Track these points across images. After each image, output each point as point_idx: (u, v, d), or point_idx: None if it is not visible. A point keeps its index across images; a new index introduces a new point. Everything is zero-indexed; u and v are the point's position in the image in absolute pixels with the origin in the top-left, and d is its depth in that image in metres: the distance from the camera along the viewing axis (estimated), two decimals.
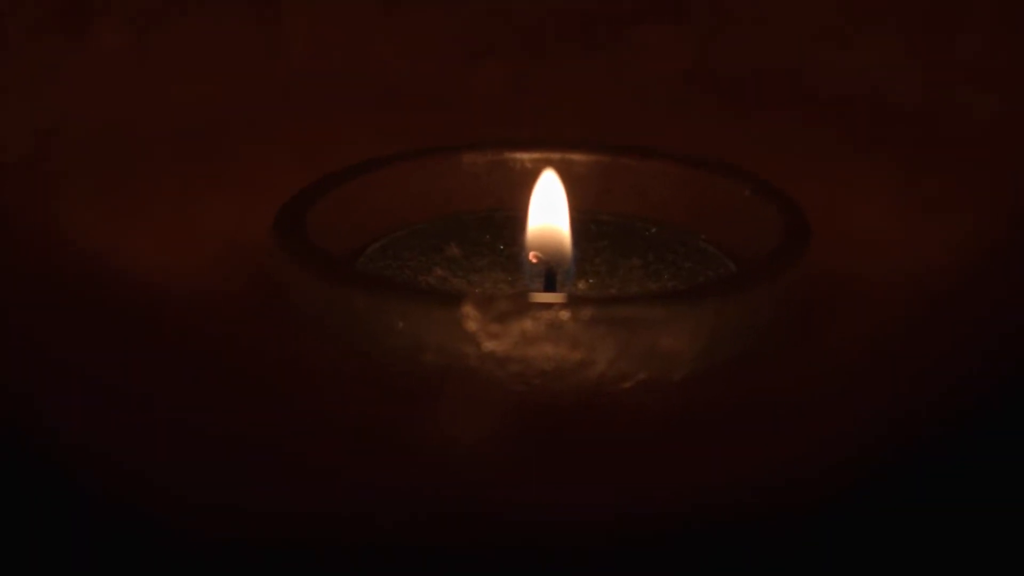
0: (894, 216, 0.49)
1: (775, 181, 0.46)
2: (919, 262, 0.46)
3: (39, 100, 0.49)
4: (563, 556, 0.29)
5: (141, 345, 0.34)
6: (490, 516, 0.27)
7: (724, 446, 0.30)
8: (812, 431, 0.32)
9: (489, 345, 0.37)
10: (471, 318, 0.37)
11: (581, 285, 0.45)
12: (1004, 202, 0.47)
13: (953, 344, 0.38)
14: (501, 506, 0.27)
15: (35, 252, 0.42)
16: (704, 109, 0.54)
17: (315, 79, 0.53)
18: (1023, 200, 0.47)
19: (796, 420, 0.32)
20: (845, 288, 0.47)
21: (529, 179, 0.46)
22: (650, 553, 0.29)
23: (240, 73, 0.52)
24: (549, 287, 0.43)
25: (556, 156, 0.46)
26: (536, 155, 0.47)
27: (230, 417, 0.29)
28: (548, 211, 0.44)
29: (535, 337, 0.37)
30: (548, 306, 0.37)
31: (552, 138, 0.48)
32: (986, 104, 0.51)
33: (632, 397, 0.33)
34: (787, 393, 0.33)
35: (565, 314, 0.37)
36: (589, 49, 0.56)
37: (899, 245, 0.48)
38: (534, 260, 0.43)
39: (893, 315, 0.44)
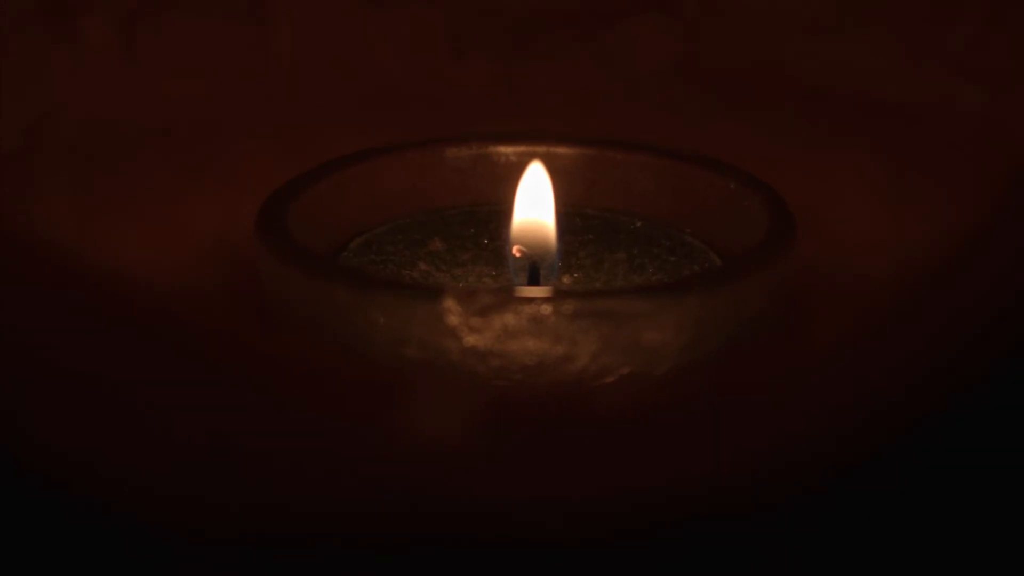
0: (881, 210, 0.49)
1: (763, 174, 0.46)
2: (905, 256, 0.46)
3: (25, 96, 0.48)
4: (543, 552, 0.28)
5: (125, 342, 0.34)
6: (469, 513, 0.27)
7: (706, 440, 0.30)
8: (794, 425, 0.31)
9: (470, 340, 0.37)
10: (452, 312, 0.36)
11: (566, 279, 0.45)
12: (991, 197, 0.47)
13: (936, 337, 0.38)
14: (480, 502, 0.27)
15: (18, 248, 0.42)
16: (693, 102, 0.54)
17: (302, 74, 0.53)
18: (1009, 195, 0.47)
19: (779, 414, 0.32)
20: (831, 282, 0.47)
21: (513, 173, 0.46)
22: (632, 549, 0.29)
23: (227, 69, 0.52)
24: (533, 281, 0.43)
25: (541, 150, 0.46)
26: (520, 149, 0.46)
27: (212, 415, 0.29)
28: (533, 205, 0.44)
29: (517, 331, 0.37)
30: (530, 300, 0.36)
31: (538, 132, 0.47)
32: (974, 98, 0.51)
33: (615, 391, 0.32)
34: (770, 387, 0.33)
35: (547, 308, 0.36)
36: (578, 42, 0.56)
37: (886, 239, 0.48)
38: (518, 254, 0.43)
39: (877, 309, 0.43)
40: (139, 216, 0.47)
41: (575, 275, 0.45)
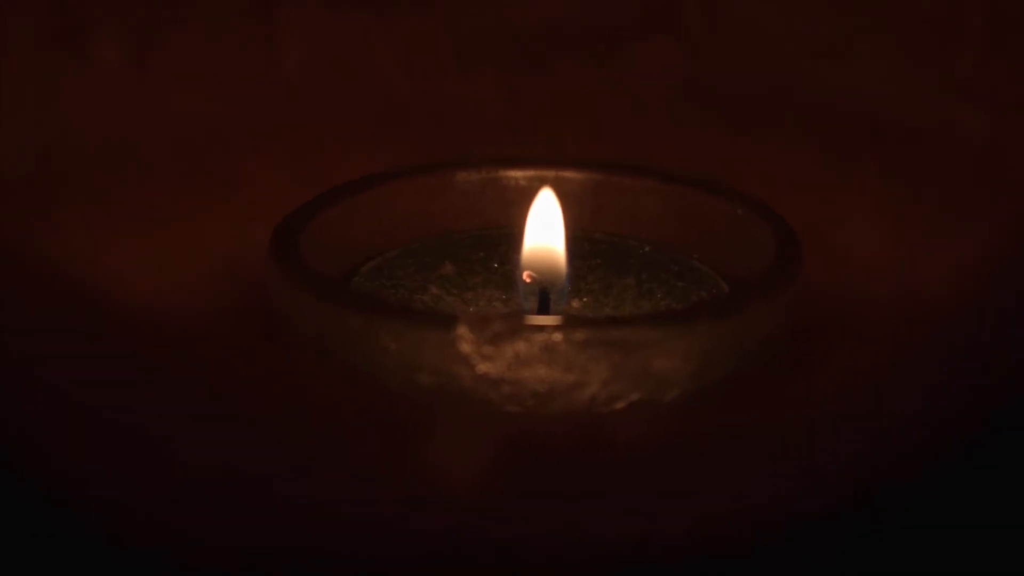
0: (888, 236, 0.49)
1: (770, 196, 0.46)
2: (914, 281, 0.46)
3: (37, 117, 0.49)
4: None
5: (131, 372, 0.34)
6: (484, 550, 0.27)
7: (719, 475, 0.30)
8: (806, 458, 0.32)
9: (482, 367, 0.37)
10: (465, 340, 0.37)
11: (575, 304, 0.45)
12: (999, 220, 0.48)
13: (950, 366, 0.38)
14: (494, 540, 0.27)
15: (30, 271, 0.42)
16: (701, 124, 0.54)
17: (312, 93, 0.54)
18: (1018, 219, 0.47)
19: (790, 447, 0.32)
20: (839, 308, 0.47)
21: (522, 197, 0.46)
22: None
23: (237, 87, 0.52)
24: (543, 306, 0.43)
25: (550, 174, 0.47)
26: (530, 173, 0.47)
27: (221, 449, 0.29)
28: (543, 230, 0.44)
29: (528, 359, 0.37)
30: (541, 328, 0.37)
31: (546, 155, 0.48)
32: (981, 122, 0.51)
33: (625, 421, 0.33)
34: (780, 419, 0.33)
35: (558, 336, 0.37)
36: (585, 62, 0.56)
37: (893, 264, 0.48)
38: (528, 280, 0.43)
39: (887, 336, 0.44)
40: (150, 237, 0.47)
41: (584, 299, 0.45)
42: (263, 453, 0.29)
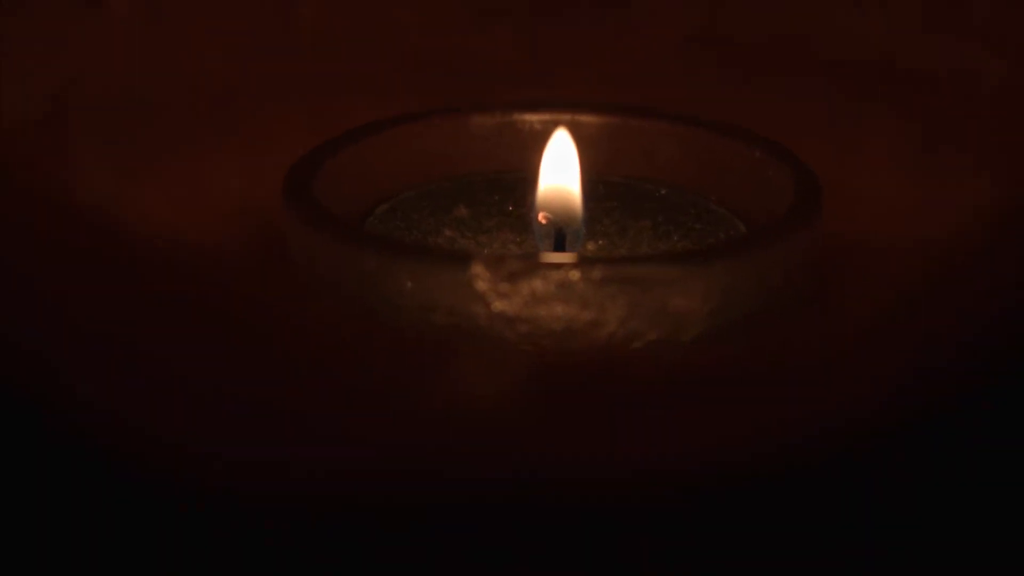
0: (905, 181, 0.49)
1: (786, 143, 0.46)
2: (930, 227, 0.46)
3: (53, 63, 0.48)
4: (578, 515, 0.29)
5: (151, 303, 0.34)
6: (506, 475, 0.27)
7: (737, 405, 0.30)
8: (824, 392, 0.31)
9: (499, 305, 0.37)
10: (481, 278, 0.37)
11: (590, 246, 0.45)
12: (1015, 167, 0.47)
13: (963, 308, 0.38)
14: (517, 465, 0.27)
15: (47, 210, 0.42)
16: (714, 73, 0.54)
17: (326, 42, 0.53)
18: None
19: (809, 380, 0.32)
20: (856, 252, 0.47)
21: (538, 141, 0.46)
22: (665, 512, 0.29)
23: (251, 36, 0.52)
24: (558, 248, 0.43)
25: (565, 117, 0.46)
26: (545, 116, 0.46)
27: (240, 376, 0.29)
28: (559, 171, 0.44)
29: (545, 297, 0.37)
30: (558, 266, 0.37)
31: (562, 100, 0.47)
32: (998, 69, 0.51)
33: (645, 356, 0.33)
34: (798, 354, 0.33)
35: (575, 274, 0.37)
36: (601, 11, 0.56)
37: (910, 207, 0.48)
38: (543, 221, 0.43)
39: (903, 279, 0.44)
40: (165, 180, 0.47)
41: (600, 242, 0.45)
42: (281, 376, 0.29)
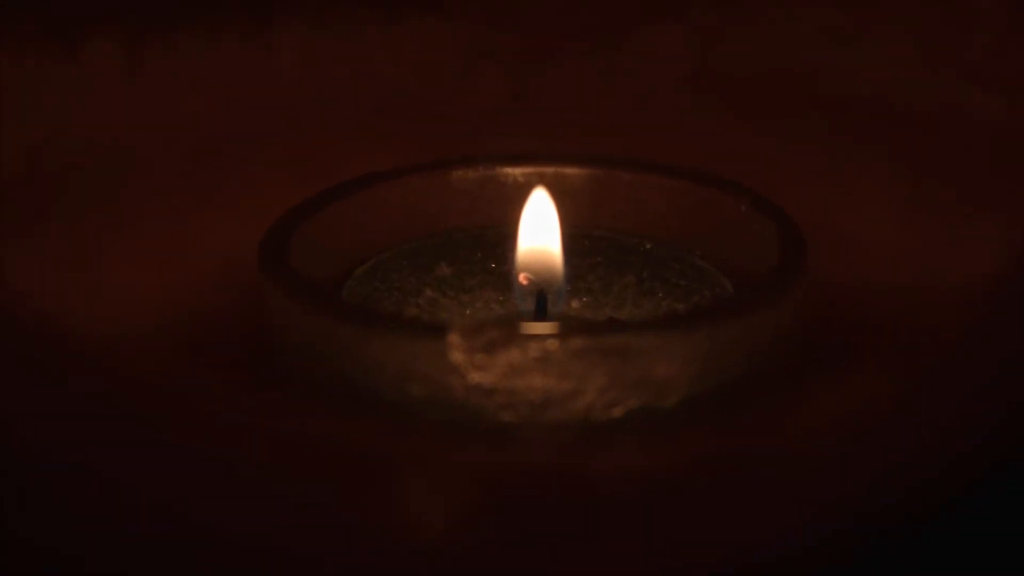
0: (902, 222, 0.48)
1: (779, 184, 0.45)
2: (929, 270, 0.45)
3: (29, 119, 0.48)
4: None
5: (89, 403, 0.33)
6: None
7: (711, 515, 0.29)
8: (813, 490, 0.30)
9: (475, 377, 0.36)
10: (457, 349, 0.36)
11: (575, 304, 0.44)
12: (1016, 207, 0.47)
13: (987, 368, 0.37)
14: None
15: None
16: (709, 112, 0.53)
17: (311, 92, 0.53)
18: None
19: (794, 477, 0.30)
20: (854, 298, 0.46)
21: (521, 194, 0.45)
22: None
23: (233, 87, 0.51)
24: (541, 308, 0.42)
25: (549, 170, 0.46)
26: (528, 170, 0.46)
27: (179, 489, 0.28)
28: (539, 231, 0.43)
29: (523, 368, 0.36)
30: (536, 336, 0.36)
31: (546, 151, 0.47)
32: (994, 107, 0.50)
33: (611, 455, 0.32)
34: (783, 444, 0.32)
35: (554, 344, 0.36)
36: (591, 54, 0.55)
37: (908, 252, 0.47)
38: (525, 282, 0.42)
39: (898, 327, 0.43)
40: (144, 239, 0.47)
41: (584, 299, 0.44)
42: (230, 496, 0.28)
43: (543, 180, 0.45)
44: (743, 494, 0.29)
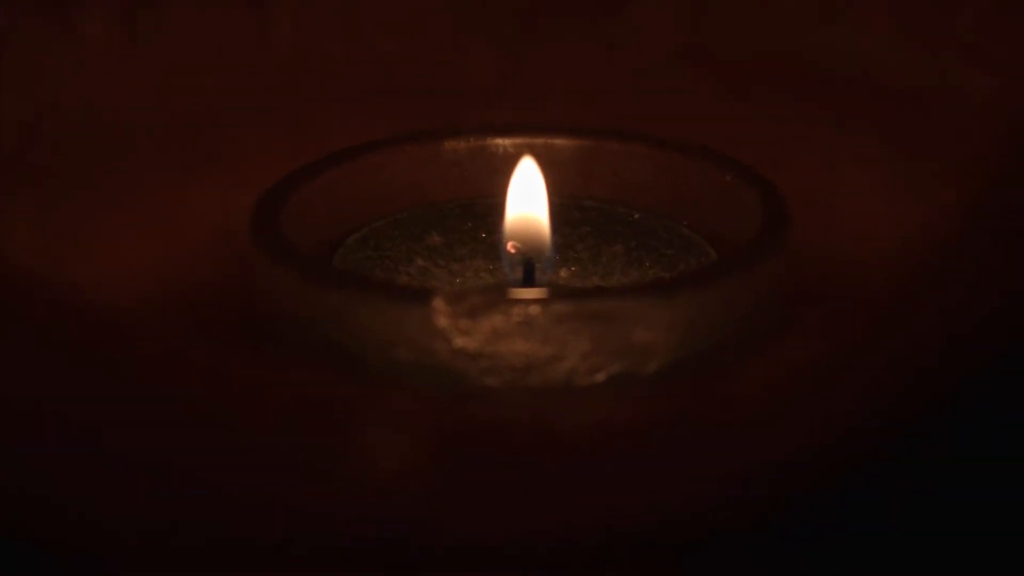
0: (887, 197, 0.49)
1: (768, 160, 0.46)
2: (905, 244, 0.46)
3: (24, 90, 0.48)
4: None
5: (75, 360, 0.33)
6: (413, 545, 0.27)
7: (671, 462, 0.29)
8: (768, 438, 0.31)
9: (460, 341, 0.37)
10: (442, 314, 0.37)
11: (563, 273, 0.45)
12: (995, 184, 0.47)
13: (935, 328, 0.38)
14: (423, 528, 0.27)
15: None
16: (698, 88, 0.54)
17: (303, 65, 0.53)
18: (1014, 183, 0.46)
19: (749, 426, 0.31)
20: (837, 271, 0.47)
21: (511, 165, 0.45)
22: None
23: (226, 59, 0.52)
24: (528, 276, 0.43)
25: (538, 141, 0.46)
26: (518, 140, 0.46)
27: (149, 437, 0.29)
28: (526, 200, 0.43)
29: (506, 333, 0.37)
30: (519, 302, 0.36)
31: (534, 122, 0.47)
32: (981, 85, 0.50)
33: (577, 404, 0.32)
34: (740, 398, 0.33)
35: (536, 309, 0.37)
36: (583, 28, 0.55)
37: (892, 227, 0.48)
38: (512, 250, 0.43)
39: (879, 298, 0.43)
40: (137, 210, 0.47)
41: (572, 268, 0.45)
42: (190, 441, 0.28)
43: (532, 151, 0.46)
44: (671, 454, 0.29)
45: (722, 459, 0.29)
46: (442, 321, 0.37)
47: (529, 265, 0.43)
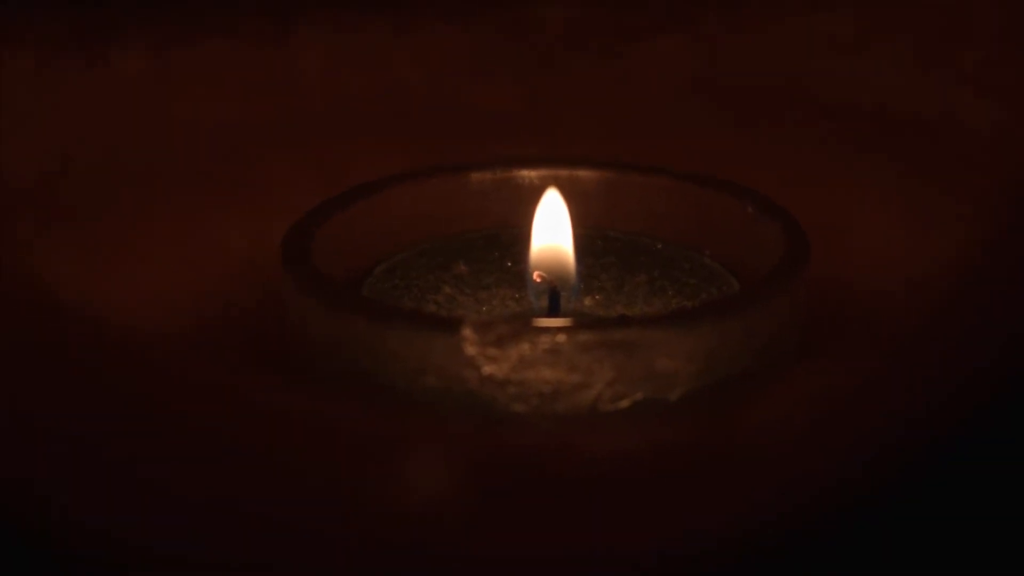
0: (899, 226, 0.50)
1: (783, 192, 0.47)
2: (920, 273, 0.47)
3: (58, 124, 0.49)
4: None
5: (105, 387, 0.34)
6: (448, 564, 0.27)
7: (693, 490, 0.30)
8: (784, 471, 0.32)
9: (488, 369, 0.37)
10: (470, 342, 0.37)
11: (588, 302, 0.46)
12: (1005, 211, 0.48)
13: (953, 356, 0.38)
14: (458, 554, 0.27)
15: (29, 286, 0.43)
16: (713, 120, 0.55)
17: (331, 96, 0.54)
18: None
19: (767, 458, 0.32)
20: (854, 300, 0.48)
21: (536, 196, 0.46)
22: None
23: (255, 94, 0.53)
24: (554, 305, 0.44)
25: (563, 173, 0.47)
26: (543, 172, 0.47)
27: (186, 465, 0.30)
28: (551, 230, 0.44)
29: (533, 361, 0.37)
30: (546, 330, 0.37)
31: (560, 154, 0.48)
32: (990, 115, 0.51)
33: (603, 431, 0.33)
34: (778, 427, 0.34)
35: (562, 338, 0.37)
36: (600, 62, 0.56)
37: (905, 256, 0.48)
38: (538, 280, 0.44)
39: (896, 327, 0.44)
40: (166, 242, 0.48)
41: (596, 297, 0.46)
42: (230, 469, 0.29)
43: (557, 182, 0.46)
44: (694, 480, 0.30)
45: (744, 486, 0.30)
46: (470, 349, 0.37)
47: (554, 294, 0.44)
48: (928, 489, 0.32)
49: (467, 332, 0.37)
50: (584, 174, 0.47)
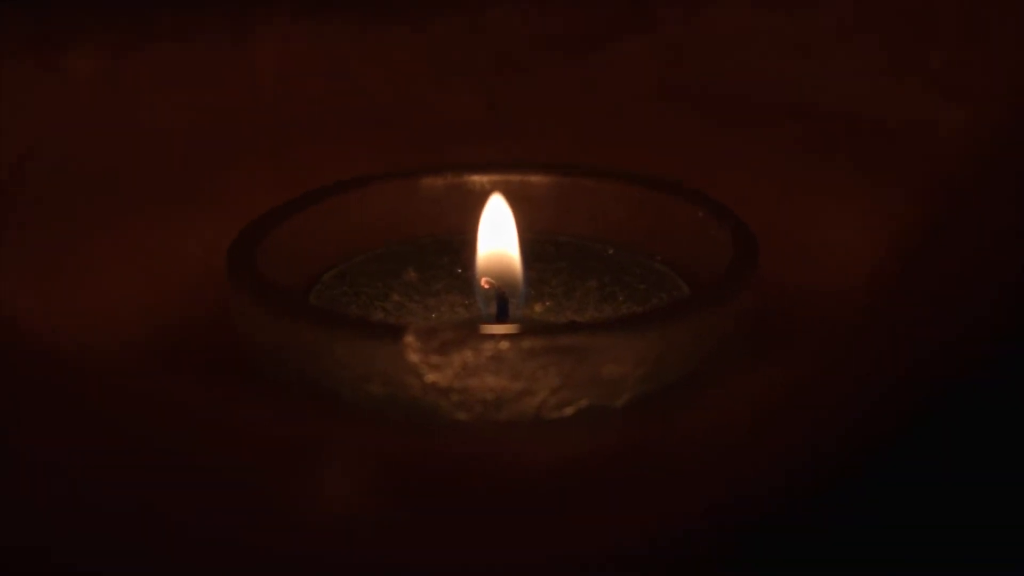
0: (862, 230, 0.49)
1: (745, 193, 0.46)
2: (874, 272, 0.46)
3: (8, 130, 0.49)
4: None
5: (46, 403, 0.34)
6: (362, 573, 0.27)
7: (617, 496, 0.30)
8: (719, 472, 0.32)
9: (431, 377, 0.37)
10: (413, 349, 0.37)
11: (537, 308, 0.45)
12: (962, 213, 0.48)
13: (897, 352, 0.38)
14: (371, 562, 0.27)
15: None
16: (678, 124, 0.55)
17: (287, 100, 0.54)
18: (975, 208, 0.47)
19: (700, 461, 0.32)
20: (811, 303, 0.47)
21: (487, 201, 0.46)
22: None
23: (212, 98, 0.52)
24: (502, 311, 0.44)
25: (514, 178, 0.47)
26: (494, 177, 0.47)
27: (102, 472, 0.29)
28: (497, 236, 0.44)
29: (476, 368, 0.37)
30: (489, 337, 0.37)
31: (512, 159, 0.48)
32: (954, 117, 0.51)
33: (531, 439, 0.33)
34: (724, 431, 0.33)
35: (506, 345, 0.37)
36: (562, 65, 0.56)
37: (868, 260, 0.48)
38: (486, 286, 0.44)
39: (843, 327, 0.44)
40: (122, 248, 0.48)
41: (547, 303, 0.46)
42: (144, 477, 0.29)
43: (508, 187, 0.46)
44: (638, 487, 0.30)
45: (689, 491, 0.30)
46: (413, 356, 0.37)
47: (503, 300, 0.43)
48: (867, 488, 0.32)
49: (410, 339, 0.37)
50: (535, 179, 0.47)
